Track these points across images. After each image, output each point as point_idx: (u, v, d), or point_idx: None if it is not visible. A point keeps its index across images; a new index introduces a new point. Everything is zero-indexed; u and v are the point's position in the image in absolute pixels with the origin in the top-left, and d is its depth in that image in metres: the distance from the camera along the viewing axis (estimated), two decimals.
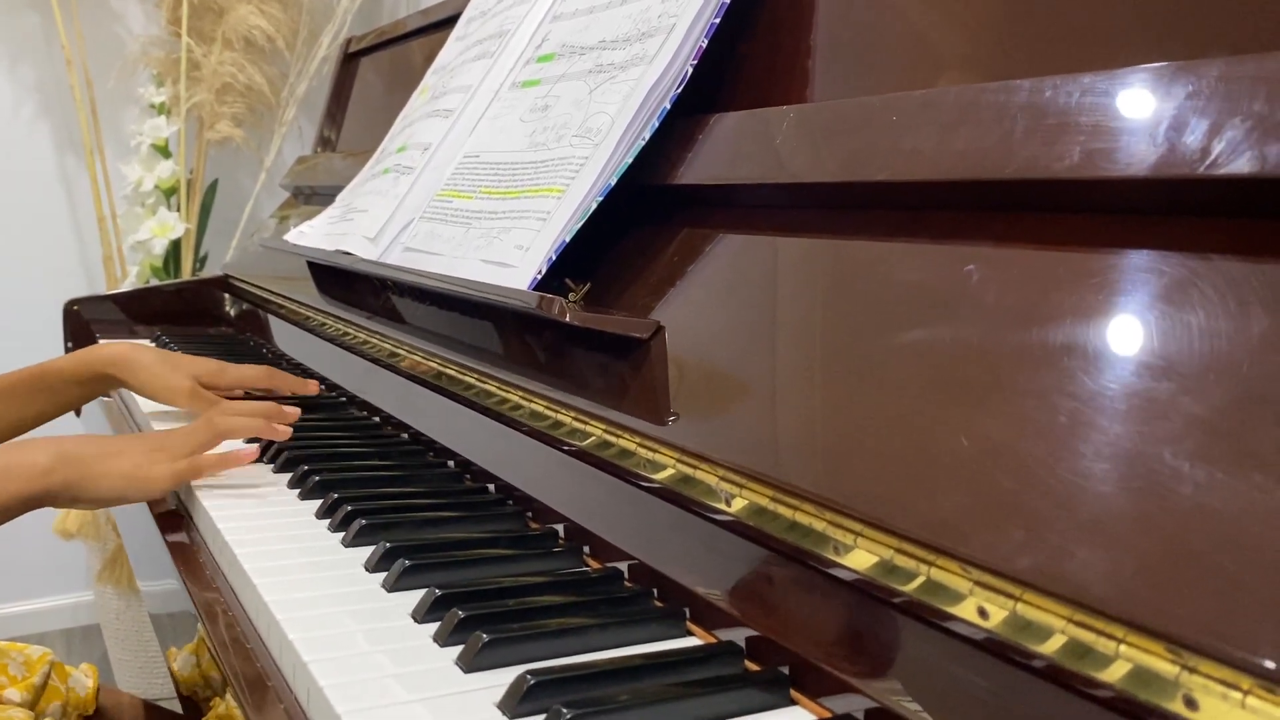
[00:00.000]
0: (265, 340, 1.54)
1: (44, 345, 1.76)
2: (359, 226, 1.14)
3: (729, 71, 0.79)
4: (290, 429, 0.94)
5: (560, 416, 0.74)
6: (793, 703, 0.53)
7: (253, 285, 1.61)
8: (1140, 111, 0.46)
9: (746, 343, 0.64)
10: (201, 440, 0.88)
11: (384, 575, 0.67)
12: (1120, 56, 0.52)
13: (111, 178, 2.30)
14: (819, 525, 0.52)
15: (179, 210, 2.27)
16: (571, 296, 0.75)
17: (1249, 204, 0.43)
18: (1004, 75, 0.54)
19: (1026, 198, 0.52)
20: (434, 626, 0.60)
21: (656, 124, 0.76)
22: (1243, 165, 0.41)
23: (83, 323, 1.65)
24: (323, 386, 1.20)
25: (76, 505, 0.85)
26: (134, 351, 1.09)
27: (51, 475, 0.80)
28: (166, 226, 2.21)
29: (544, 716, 0.49)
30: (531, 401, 0.78)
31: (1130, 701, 0.37)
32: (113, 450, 0.84)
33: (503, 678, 0.53)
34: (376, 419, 1.08)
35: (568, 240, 0.77)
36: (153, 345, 1.55)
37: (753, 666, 0.56)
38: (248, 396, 1.11)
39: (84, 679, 1.02)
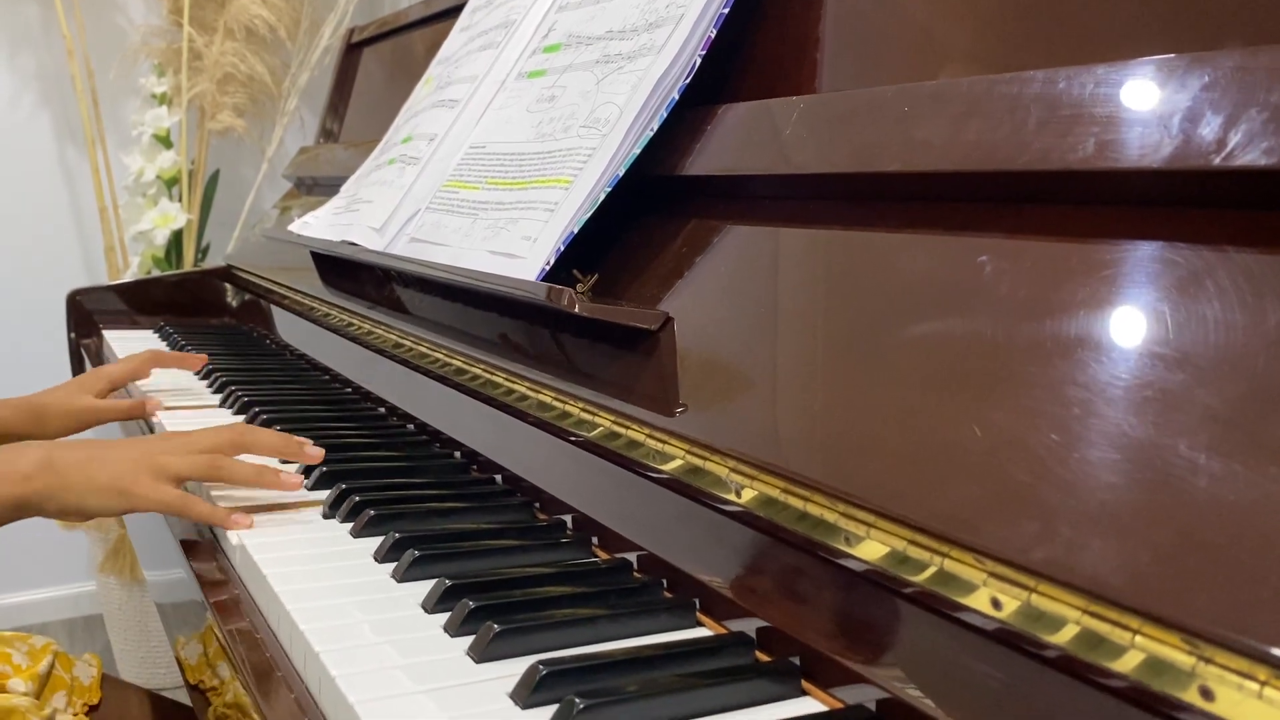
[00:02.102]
0: (268, 331, 1.54)
1: (46, 336, 1.76)
2: (364, 217, 1.14)
3: (737, 62, 0.78)
4: (320, 452, 0.85)
5: (568, 407, 0.74)
6: (804, 693, 0.53)
7: (255, 276, 1.61)
8: (1154, 103, 0.46)
9: (755, 334, 0.64)
10: (204, 469, 0.79)
11: (393, 566, 0.67)
12: (1134, 47, 0.52)
13: (113, 168, 2.30)
14: (830, 516, 0.52)
15: (181, 201, 2.27)
16: (580, 288, 0.75)
17: (1264, 196, 0.43)
18: (1016, 66, 0.54)
19: (1039, 189, 0.52)
20: (444, 617, 0.60)
21: (665, 114, 0.76)
22: (1258, 157, 0.41)
23: (85, 313, 1.65)
24: (327, 375, 1.20)
25: (58, 515, 0.79)
26: (23, 404, 1.04)
27: (31, 482, 0.76)
28: (168, 217, 2.21)
29: (557, 707, 0.49)
30: (539, 392, 0.78)
31: (1145, 692, 0.37)
32: (103, 457, 0.78)
33: (514, 668, 0.53)
34: (382, 409, 1.08)
35: (576, 231, 0.77)
36: (154, 335, 1.55)
37: (763, 657, 0.56)
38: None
39: (88, 668, 1.02)
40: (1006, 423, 0.47)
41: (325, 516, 0.78)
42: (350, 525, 0.75)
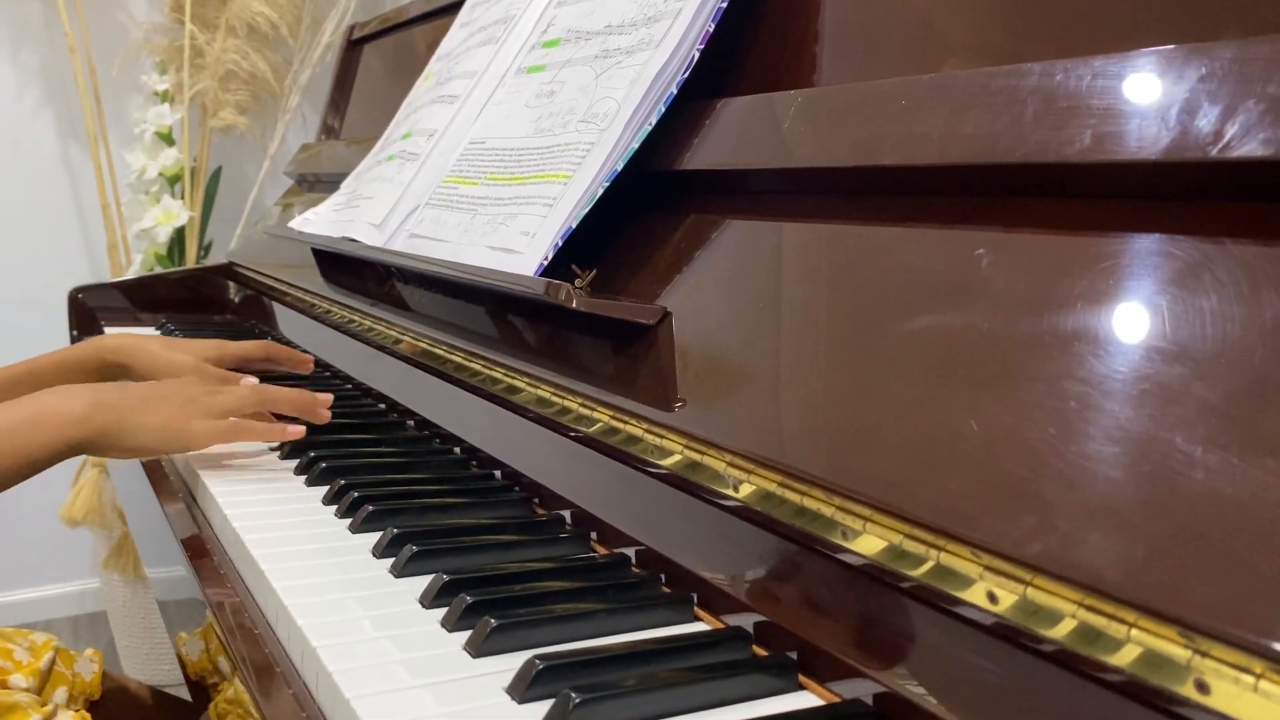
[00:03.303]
0: (270, 327, 1.54)
1: (49, 333, 1.76)
2: (364, 213, 1.14)
3: (736, 56, 0.78)
4: (329, 414, 0.93)
5: (566, 402, 0.74)
6: (801, 687, 0.53)
7: (257, 273, 1.61)
8: (1152, 95, 0.46)
9: (753, 329, 0.63)
10: (243, 400, 0.87)
11: (391, 561, 0.67)
12: (1131, 39, 0.52)
13: (115, 165, 2.30)
14: (827, 510, 0.52)
15: (183, 198, 2.27)
16: (578, 283, 0.75)
17: (1262, 187, 0.43)
18: (1013, 58, 0.54)
19: (1037, 182, 0.52)
20: (442, 612, 0.60)
21: (663, 109, 0.76)
22: (1256, 148, 0.41)
23: (88, 311, 1.65)
24: (328, 372, 1.20)
25: (110, 454, 0.84)
26: (136, 339, 1.09)
27: (87, 423, 0.80)
28: (170, 214, 2.21)
29: (552, 701, 0.49)
30: (538, 388, 0.78)
31: (1141, 685, 0.37)
32: (150, 399, 0.83)
33: (511, 662, 0.53)
34: (382, 405, 1.08)
35: (574, 226, 0.77)
36: (156, 333, 1.55)
37: (761, 651, 0.56)
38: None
39: (89, 664, 1.02)
40: (1003, 416, 0.46)
41: (326, 513, 0.78)
42: (349, 521, 0.75)
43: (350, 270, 1.25)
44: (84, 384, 0.83)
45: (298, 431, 0.89)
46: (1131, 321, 0.45)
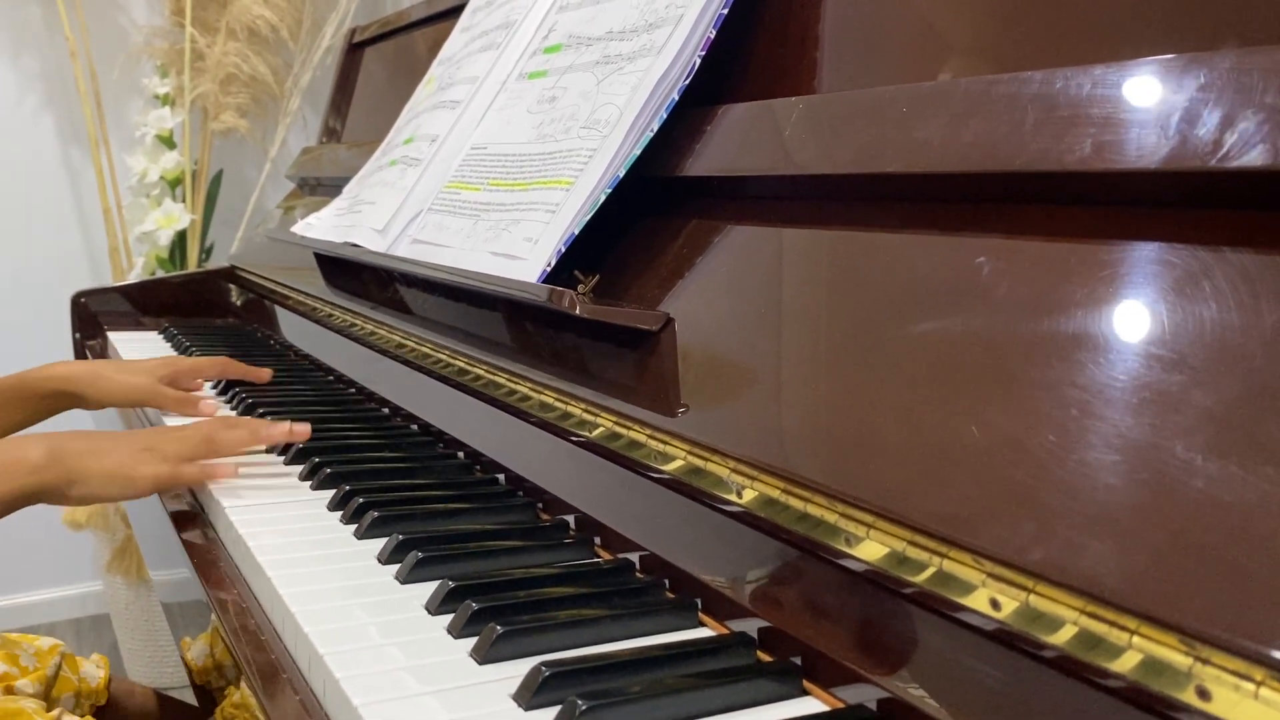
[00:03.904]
0: (272, 331, 1.54)
1: (51, 337, 1.77)
2: (367, 218, 1.14)
3: (737, 62, 0.79)
4: (294, 431, 0.93)
5: (570, 408, 0.75)
6: (805, 693, 0.53)
7: (259, 276, 1.62)
8: (1151, 103, 0.46)
9: (756, 334, 0.64)
10: (194, 447, 0.86)
11: (397, 567, 0.68)
12: (1131, 48, 0.52)
13: (116, 169, 2.30)
14: (830, 517, 0.52)
15: (184, 201, 2.27)
16: (581, 288, 0.75)
17: (1261, 196, 0.43)
18: (1015, 66, 0.54)
19: (1037, 190, 0.52)
20: (447, 618, 0.60)
21: (665, 115, 0.76)
22: (1255, 158, 0.42)
23: (90, 314, 1.66)
24: (331, 376, 1.20)
25: (66, 502, 0.84)
26: (88, 366, 1.09)
27: (43, 472, 0.80)
28: (172, 218, 2.21)
29: (559, 708, 0.49)
30: (541, 393, 0.79)
31: (1142, 692, 0.38)
32: (103, 448, 0.83)
33: (517, 669, 0.53)
34: (385, 410, 1.08)
35: (577, 232, 0.78)
36: (159, 336, 1.55)
37: (765, 657, 0.56)
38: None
39: (95, 670, 1.03)
40: (1005, 423, 0.47)
41: (332, 519, 0.79)
42: (354, 527, 0.75)
43: (353, 275, 1.25)
44: (39, 434, 0.83)
45: (229, 471, 0.87)
46: (1131, 329, 0.45)
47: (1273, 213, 0.42)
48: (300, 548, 0.72)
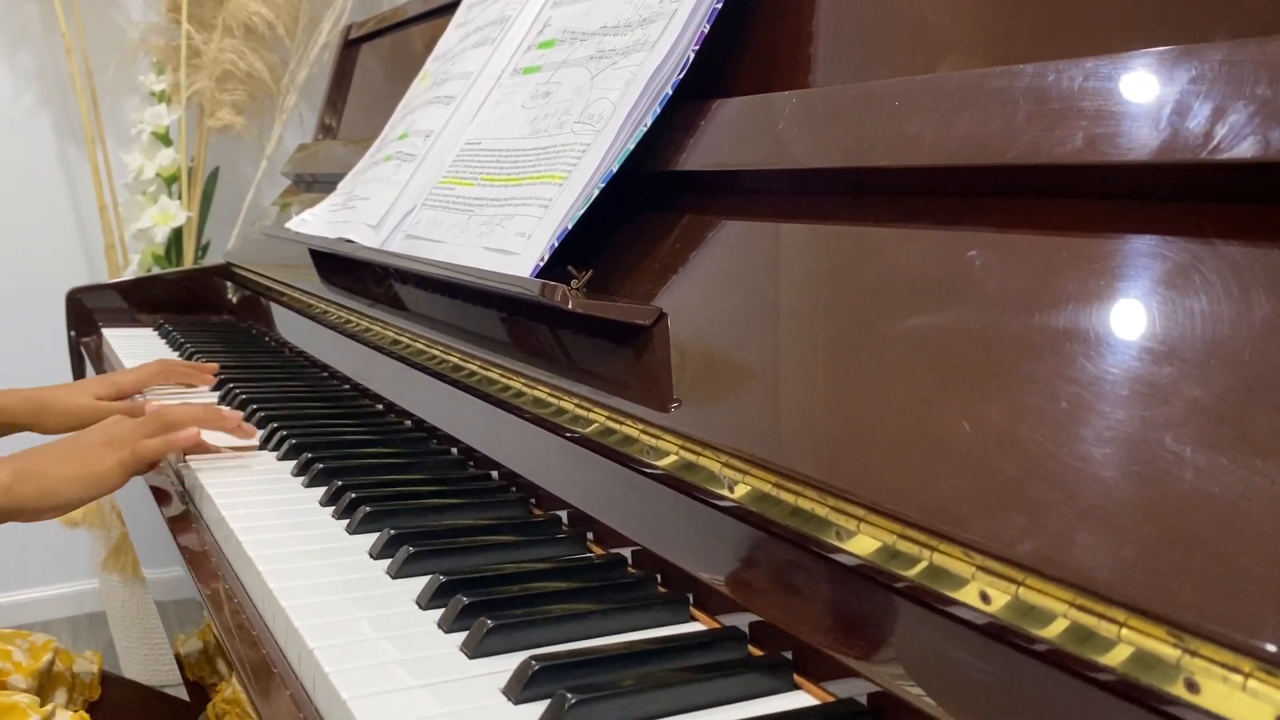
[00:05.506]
0: (267, 328, 1.54)
1: (46, 334, 1.77)
2: (361, 214, 1.14)
3: (731, 57, 0.78)
4: (240, 421, 0.95)
5: (563, 403, 0.74)
6: (796, 687, 0.53)
7: (255, 273, 1.61)
8: (1143, 96, 0.46)
9: (749, 329, 0.64)
10: (147, 425, 0.88)
11: (388, 562, 0.68)
12: (1123, 40, 0.52)
13: (113, 166, 2.30)
14: (821, 511, 0.52)
15: (180, 198, 2.27)
16: (574, 284, 0.75)
17: (1252, 189, 0.43)
18: (1007, 59, 0.54)
19: (1029, 183, 0.52)
20: (438, 613, 0.60)
21: (658, 110, 0.76)
22: (1246, 150, 0.41)
23: (86, 311, 1.66)
24: (325, 372, 1.20)
25: (41, 516, 0.84)
26: (31, 395, 1.09)
27: (10, 492, 0.80)
28: (168, 214, 2.21)
29: (549, 701, 0.49)
30: (534, 388, 0.78)
31: (1132, 685, 0.38)
32: (64, 454, 0.84)
33: (507, 663, 0.53)
34: (379, 406, 1.08)
35: (570, 227, 0.77)
36: (154, 333, 1.55)
37: (756, 651, 0.56)
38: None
39: (88, 665, 1.03)
40: (996, 417, 0.47)
41: (324, 514, 0.78)
42: (346, 522, 0.75)
43: (347, 271, 1.25)
44: (2, 456, 0.83)
45: (191, 436, 0.88)
46: (1122, 322, 0.45)
47: (1263, 205, 0.42)
48: (292, 543, 0.72)
